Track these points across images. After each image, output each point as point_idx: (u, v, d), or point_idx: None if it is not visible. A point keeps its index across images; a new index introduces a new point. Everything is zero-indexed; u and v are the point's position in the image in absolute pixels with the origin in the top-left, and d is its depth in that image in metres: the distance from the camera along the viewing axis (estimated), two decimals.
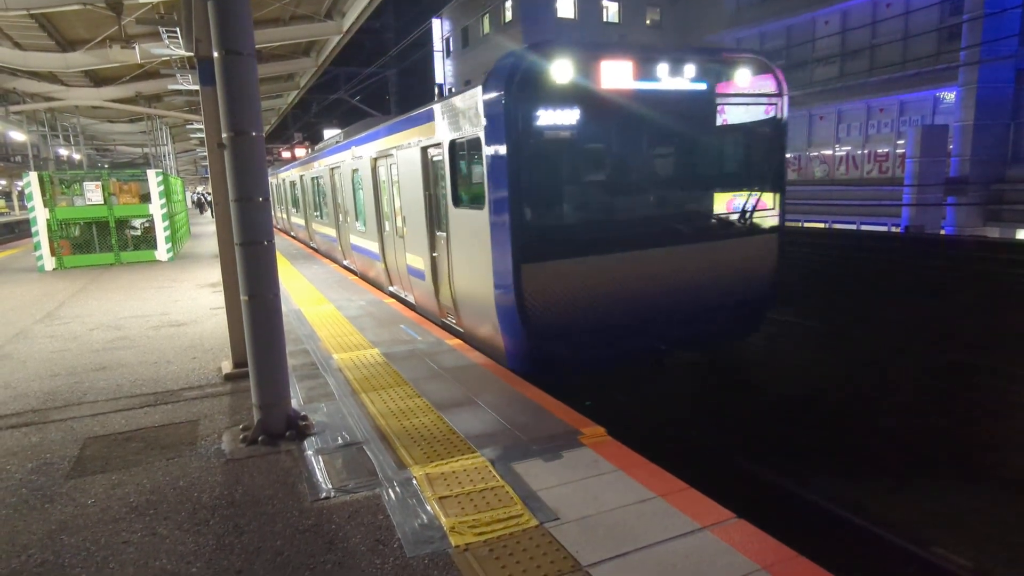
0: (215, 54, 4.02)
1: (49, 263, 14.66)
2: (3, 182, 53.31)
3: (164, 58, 15.32)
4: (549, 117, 5.60)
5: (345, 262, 13.24)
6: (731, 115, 6.71)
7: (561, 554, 2.89)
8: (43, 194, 14.53)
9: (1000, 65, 17.91)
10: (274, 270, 4.35)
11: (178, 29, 12.00)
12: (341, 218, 12.88)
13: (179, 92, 19.18)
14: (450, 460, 3.90)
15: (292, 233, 22.11)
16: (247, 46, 4.06)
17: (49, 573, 2.95)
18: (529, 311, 5.63)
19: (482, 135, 5.64)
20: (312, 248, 17.53)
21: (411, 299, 8.69)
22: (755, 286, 7.00)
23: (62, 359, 6.72)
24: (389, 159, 8.75)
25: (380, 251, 9.83)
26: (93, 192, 15.10)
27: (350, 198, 11.63)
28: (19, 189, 47.82)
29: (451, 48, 39.65)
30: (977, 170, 18.26)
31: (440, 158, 6.72)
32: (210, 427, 4.66)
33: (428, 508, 3.35)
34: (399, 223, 8.70)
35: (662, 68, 5.99)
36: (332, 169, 13.02)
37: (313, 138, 43.65)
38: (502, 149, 5.43)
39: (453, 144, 6.39)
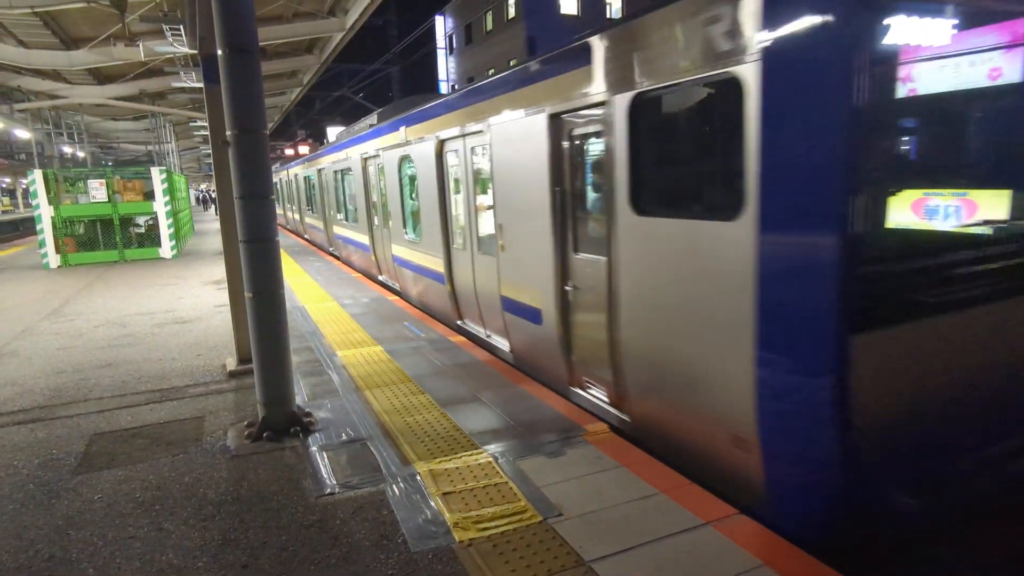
0: (219, 51, 4.03)
1: (54, 260, 14.73)
2: (8, 180, 53.52)
3: (168, 56, 15.35)
4: (929, 33, 2.87)
5: (382, 277, 10.87)
6: None
7: (564, 549, 2.90)
8: (48, 192, 14.59)
9: None
10: (278, 267, 4.36)
11: (181, 27, 12.01)
12: (378, 222, 10.55)
13: (183, 89, 19.20)
14: (453, 456, 3.91)
15: (306, 236, 20.09)
16: (251, 43, 4.07)
17: (56, 568, 2.98)
18: (861, 425, 2.91)
19: (756, 72, 2.94)
20: (332, 254, 15.39)
21: (503, 345, 6.12)
22: None
23: (68, 356, 6.76)
24: (470, 140, 6.30)
25: (446, 271, 7.29)
26: (97, 190, 15.17)
27: (395, 196, 9.06)
28: (24, 187, 48.00)
29: (454, 45, 39.59)
30: None
31: (596, 130, 4.29)
32: (215, 423, 4.69)
33: (432, 504, 3.36)
34: (481, 232, 6.43)
35: None
36: (366, 160, 10.60)
37: (316, 135, 43.69)
38: (822, 97, 2.74)
39: (640, 102, 3.78)
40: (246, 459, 4.06)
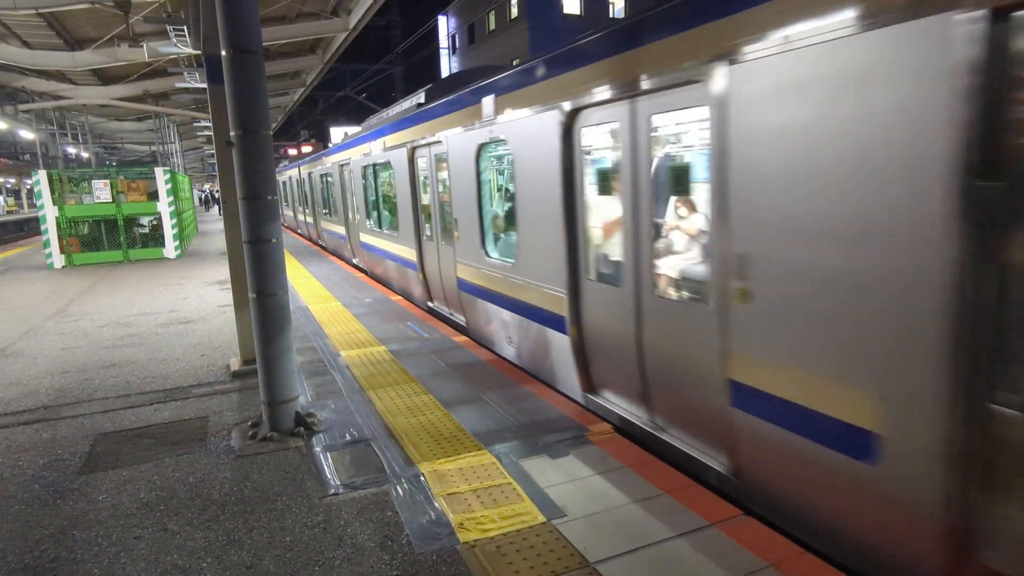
0: (223, 52, 4.04)
1: (58, 261, 14.77)
2: (12, 180, 53.71)
3: (171, 56, 15.36)
4: None
5: (433, 304, 8.34)
6: None
7: (568, 551, 2.90)
8: (52, 192, 14.64)
9: None
10: (282, 268, 4.37)
11: (185, 27, 12.02)
12: (429, 232, 8.12)
13: (187, 90, 19.23)
14: (457, 457, 3.91)
15: (321, 242, 18.08)
16: (254, 44, 4.07)
17: (61, 568, 2.98)
18: None
19: None
20: (355, 266, 13.33)
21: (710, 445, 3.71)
22: None
23: (72, 356, 6.77)
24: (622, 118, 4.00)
25: (571, 310, 4.76)
26: (101, 190, 15.22)
27: (467, 198, 6.36)
28: (28, 187, 48.18)
29: (457, 45, 39.62)
30: None
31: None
32: (219, 424, 4.69)
33: (436, 504, 3.36)
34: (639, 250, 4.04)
35: None
36: (415, 150, 8.12)
37: (319, 135, 43.74)
38: None
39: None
40: (250, 459, 4.06)
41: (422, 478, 3.66)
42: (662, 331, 3.94)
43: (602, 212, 4.59)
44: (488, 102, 5.64)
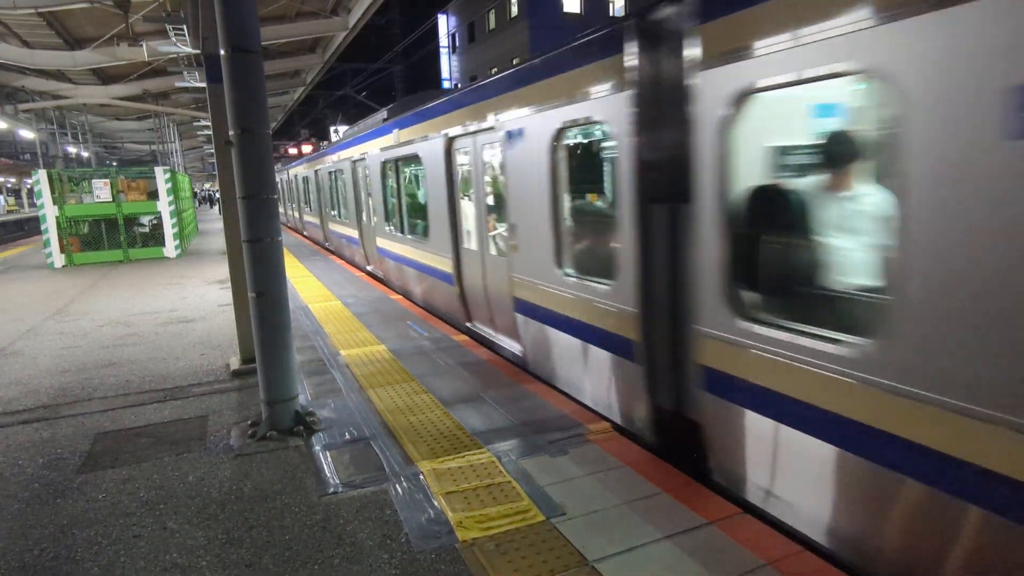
0: (222, 51, 4.04)
1: (59, 260, 14.78)
2: (13, 180, 53.73)
3: (171, 55, 15.35)
4: None
5: (482, 329, 6.77)
6: None
7: (567, 549, 2.90)
8: (52, 192, 14.65)
9: None
10: (282, 267, 4.37)
11: (185, 27, 12.02)
12: (470, 244, 6.85)
13: (186, 89, 19.20)
14: (457, 456, 3.91)
15: (328, 244, 16.30)
16: (254, 43, 4.08)
17: (61, 567, 2.99)
18: None
19: None
20: (381, 281, 11.03)
21: None
22: None
23: (72, 355, 6.78)
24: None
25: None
26: (102, 189, 15.23)
27: (527, 199, 5.22)
28: (28, 187, 48.19)
29: (457, 44, 39.60)
30: None
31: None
32: (219, 423, 4.69)
33: (435, 503, 3.36)
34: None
35: None
36: (451, 141, 6.90)
37: (319, 134, 43.73)
38: None
39: None
40: (250, 458, 4.06)
41: (421, 477, 3.66)
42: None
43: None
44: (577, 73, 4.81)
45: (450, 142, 6.91)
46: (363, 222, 12.10)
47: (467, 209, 6.95)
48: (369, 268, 12.11)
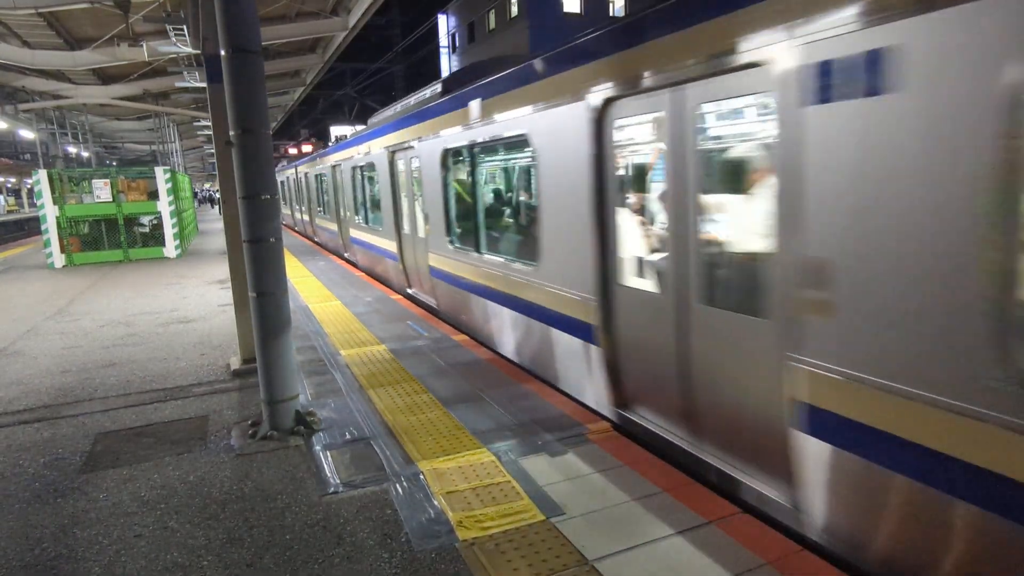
0: (222, 52, 4.04)
1: (59, 260, 14.79)
2: (13, 180, 53.73)
3: (171, 56, 15.36)
4: None
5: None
6: None
7: (567, 548, 2.91)
8: (52, 192, 14.66)
9: None
10: (282, 267, 4.38)
11: (185, 27, 12.02)
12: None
13: (186, 89, 19.22)
14: (457, 455, 3.92)
15: (346, 255, 14.22)
16: (254, 43, 4.08)
17: (62, 566, 3.00)
18: None
19: None
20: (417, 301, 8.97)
21: None
22: None
23: (73, 355, 6.79)
24: None
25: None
26: (102, 189, 15.23)
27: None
28: (28, 187, 48.18)
29: (457, 44, 39.58)
30: None
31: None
32: (219, 422, 4.70)
33: (435, 503, 3.37)
34: None
35: None
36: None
37: (319, 134, 43.74)
38: None
39: None
40: (250, 458, 4.07)
41: (421, 476, 3.67)
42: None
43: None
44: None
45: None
46: (403, 231, 9.36)
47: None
48: (410, 291, 9.24)
